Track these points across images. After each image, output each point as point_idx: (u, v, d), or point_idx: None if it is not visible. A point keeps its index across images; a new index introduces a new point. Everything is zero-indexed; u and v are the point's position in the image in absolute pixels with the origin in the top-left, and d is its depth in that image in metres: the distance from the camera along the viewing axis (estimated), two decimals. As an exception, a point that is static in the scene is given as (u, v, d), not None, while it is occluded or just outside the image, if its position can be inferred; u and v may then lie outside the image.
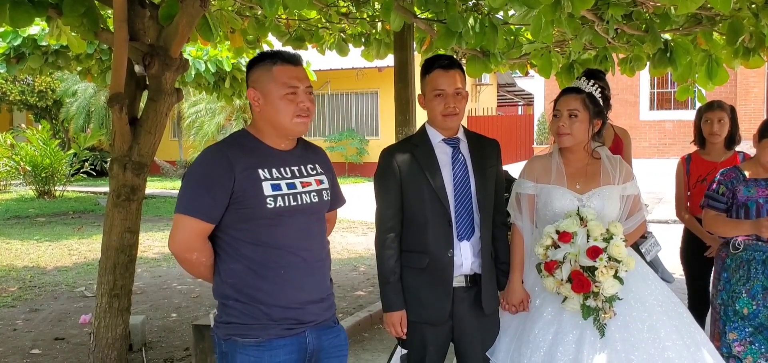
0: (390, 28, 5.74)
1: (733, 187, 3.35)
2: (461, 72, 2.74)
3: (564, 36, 5.33)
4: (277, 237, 2.22)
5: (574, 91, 2.84)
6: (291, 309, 2.24)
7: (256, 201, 2.18)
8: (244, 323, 2.22)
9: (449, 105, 2.70)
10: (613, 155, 2.96)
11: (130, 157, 3.82)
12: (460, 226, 2.72)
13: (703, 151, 4.24)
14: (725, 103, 4.22)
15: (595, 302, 2.61)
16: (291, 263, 2.24)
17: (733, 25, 3.97)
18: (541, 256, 2.72)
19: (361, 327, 5.28)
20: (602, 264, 2.58)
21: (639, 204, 2.92)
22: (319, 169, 2.39)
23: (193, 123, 18.76)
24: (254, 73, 2.28)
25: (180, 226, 2.19)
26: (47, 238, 9.81)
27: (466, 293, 2.76)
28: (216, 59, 8.38)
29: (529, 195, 2.89)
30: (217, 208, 2.18)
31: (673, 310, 2.79)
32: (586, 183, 2.83)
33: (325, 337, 2.36)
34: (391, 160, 2.78)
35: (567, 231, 2.67)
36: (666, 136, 19.80)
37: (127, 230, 3.92)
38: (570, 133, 2.79)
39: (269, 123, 2.27)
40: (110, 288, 3.93)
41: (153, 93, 3.79)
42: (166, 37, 3.65)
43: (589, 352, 2.60)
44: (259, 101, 2.25)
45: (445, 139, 2.78)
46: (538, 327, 2.74)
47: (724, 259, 3.42)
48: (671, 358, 2.60)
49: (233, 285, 2.23)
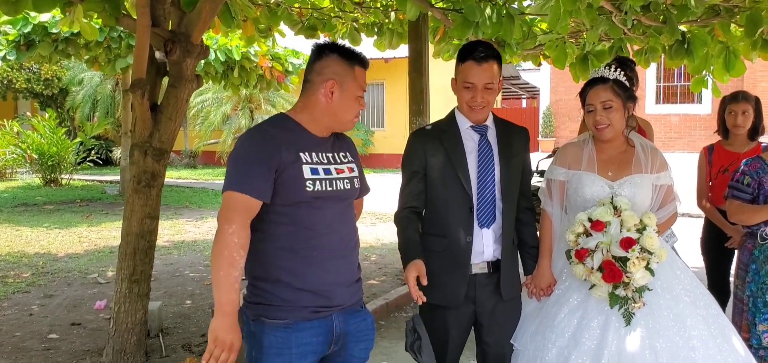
0: (404, 17, 5.75)
1: (760, 177, 3.35)
2: (497, 63, 2.72)
3: (579, 27, 5.33)
4: (312, 220, 2.24)
5: (601, 81, 2.80)
6: (319, 293, 2.26)
7: (297, 183, 2.20)
8: (272, 304, 2.23)
9: (476, 99, 2.70)
10: (648, 143, 2.94)
11: (150, 143, 3.85)
12: (481, 214, 2.74)
13: (726, 141, 4.25)
14: (750, 94, 4.22)
15: (624, 292, 2.61)
16: (323, 246, 2.26)
17: (752, 17, 3.97)
18: (572, 243, 2.72)
19: (377, 315, 5.30)
20: (635, 255, 2.57)
21: (672, 194, 2.90)
22: (350, 157, 2.42)
23: (200, 112, 18.77)
24: (334, 66, 2.28)
25: (231, 203, 2.14)
26: (57, 226, 9.84)
27: (488, 279, 2.78)
28: (226, 48, 8.36)
29: (560, 181, 2.90)
30: (267, 186, 2.17)
31: (701, 300, 2.78)
32: (619, 170, 2.82)
33: (352, 320, 2.38)
34: (418, 142, 2.81)
35: (600, 220, 2.66)
36: (672, 130, 19.79)
37: (147, 216, 3.95)
38: (610, 125, 2.77)
39: (330, 115, 2.30)
40: (130, 273, 3.96)
41: (174, 79, 3.81)
42: (188, 23, 3.67)
43: (613, 338, 2.60)
44: (333, 93, 2.27)
45: (472, 125, 2.79)
46: (564, 312, 2.74)
47: (750, 250, 3.41)
48: (696, 347, 2.60)
49: (265, 265, 2.24)
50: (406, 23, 6.00)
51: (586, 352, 2.61)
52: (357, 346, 2.41)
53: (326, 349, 2.32)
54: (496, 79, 2.71)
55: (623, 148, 2.87)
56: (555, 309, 2.78)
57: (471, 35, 4.55)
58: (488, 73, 2.68)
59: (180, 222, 10.40)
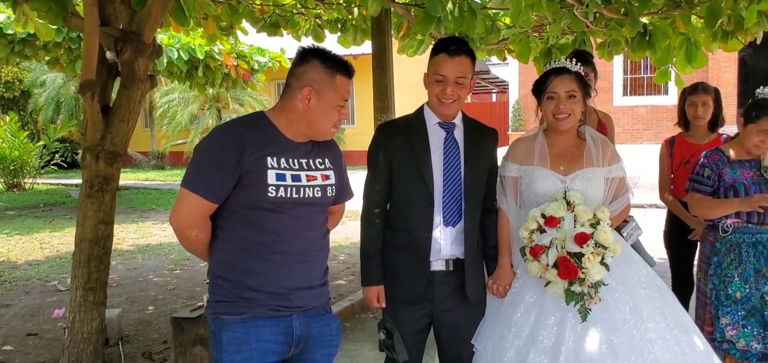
0: (367, 13, 5.67)
1: (719, 169, 3.34)
2: (470, 59, 2.68)
3: (542, 20, 5.30)
4: (276, 224, 2.21)
5: (565, 71, 2.75)
6: (278, 293, 2.23)
7: (260, 188, 2.16)
8: (230, 300, 2.22)
9: (446, 92, 2.67)
10: (599, 135, 2.91)
11: (102, 146, 3.72)
12: (446, 211, 2.71)
13: (687, 133, 4.24)
14: (709, 85, 4.22)
15: (580, 288, 2.57)
16: (285, 250, 2.23)
17: (712, 8, 3.97)
18: (526, 240, 2.68)
19: (343, 316, 5.22)
20: (589, 250, 2.54)
21: (624, 186, 2.88)
22: (328, 164, 2.36)
23: (166, 113, 18.52)
24: (314, 73, 2.23)
25: (185, 201, 2.17)
26: (18, 232, 9.59)
27: (446, 278, 2.75)
28: (189, 47, 8.22)
29: (512, 177, 2.85)
30: (225, 188, 2.15)
31: (657, 292, 2.76)
32: (570, 164, 2.78)
33: (315, 324, 2.33)
34: (384, 136, 2.80)
35: (554, 215, 2.62)
36: (639, 121, 20.01)
37: (101, 221, 3.83)
38: (571, 114, 2.73)
39: (306, 122, 2.25)
40: (85, 281, 3.84)
41: (126, 80, 3.69)
42: (139, 21, 3.55)
43: (570, 335, 2.58)
44: (310, 100, 2.22)
45: (440, 122, 2.75)
46: (521, 311, 2.71)
47: (712, 243, 3.40)
48: (653, 339, 2.58)
49: (225, 264, 2.23)
50: (369, 19, 5.92)
51: (543, 350, 2.58)
52: (319, 352, 2.37)
53: (287, 350, 2.29)
54: (468, 75, 2.68)
55: (575, 142, 2.84)
56: (512, 308, 2.74)
57: (433, 30, 4.50)
58: (460, 67, 2.65)
59: (146, 225, 10.20)
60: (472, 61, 2.70)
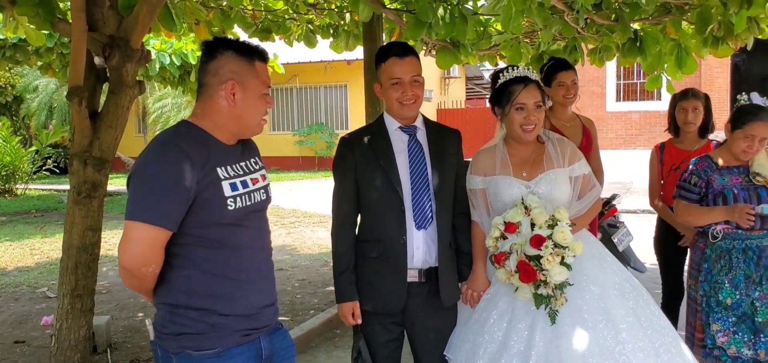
0: (359, 18, 5.67)
1: (707, 176, 3.34)
2: (416, 58, 2.70)
3: (533, 26, 5.31)
4: (237, 239, 2.06)
5: (532, 81, 2.76)
6: (249, 316, 2.11)
7: (218, 203, 2.00)
8: (199, 333, 2.03)
9: (407, 93, 2.66)
10: (555, 135, 2.92)
11: (90, 152, 3.69)
12: (416, 215, 2.69)
13: (677, 139, 4.24)
14: (700, 91, 4.23)
15: (546, 290, 2.57)
16: (251, 266, 2.11)
17: (702, 14, 3.97)
18: (492, 248, 2.69)
19: (333, 323, 5.20)
20: (548, 252, 2.53)
21: (590, 182, 2.88)
22: (259, 163, 2.24)
23: (159, 118, 18.50)
24: (231, 65, 2.06)
25: (136, 237, 1.92)
26: (8, 238, 9.53)
27: (420, 288, 2.73)
28: (181, 52, 8.21)
29: (479, 189, 2.85)
30: (182, 212, 1.95)
31: (630, 292, 2.74)
32: (533, 169, 2.79)
33: (277, 340, 2.26)
34: (346, 148, 2.76)
35: (512, 221, 2.63)
36: (632, 126, 20.05)
37: (88, 228, 3.79)
38: (538, 124, 2.75)
39: (235, 120, 2.09)
40: (72, 288, 3.80)
41: (114, 85, 3.66)
42: (127, 27, 3.52)
43: (540, 338, 2.57)
44: (235, 95, 2.05)
45: (401, 126, 2.74)
46: (494, 317, 2.70)
47: (702, 249, 3.40)
48: (625, 340, 2.57)
49: (189, 292, 2.03)
50: (361, 25, 5.92)
51: (515, 354, 2.57)
52: None
53: None
54: (421, 73, 2.69)
55: (534, 147, 2.84)
56: (485, 314, 2.74)
57: (425, 36, 4.50)
58: (412, 66, 2.66)
59: (138, 231, 10.14)
60: (418, 60, 2.71)
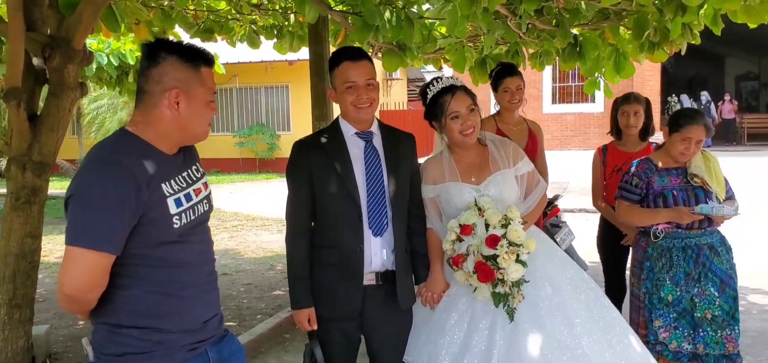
0: (304, 20, 5.65)
1: (648, 177, 3.48)
2: (370, 62, 2.70)
3: (477, 31, 5.41)
4: (181, 256, 2.00)
5: (458, 88, 2.84)
6: (195, 330, 2.06)
7: (164, 222, 1.92)
8: (143, 352, 1.95)
9: (362, 97, 2.65)
10: (497, 137, 3.01)
11: (30, 156, 3.57)
12: (372, 221, 2.68)
13: (619, 142, 4.39)
14: (641, 95, 4.39)
15: (503, 289, 2.64)
16: (196, 282, 2.06)
17: (639, 21, 4.15)
18: (449, 251, 2.75)
19: (282, 328, 5.17)
20: (503, 250, 2.61)
21: (535, 178, 2.98)
22: (201, 170, 2.15)
23: (94, 119, 17.95)
24: (175, 72, 1.95)
25: (82, 262, 1.82)
26: (-68, 246, 9.05)
27: (376, 291, 2.72)
28: (119, 52, 8.03)
29: (431, 198, 2.90)
30: (125, 235, 1.85)
31: (582, 286, 2.86)
32: (480, 173, 2.87)
33: (225, 348, 2.21)
34: (301, 153, 2.72)
35: (467, 223, 2.70)
36: (567, 128, 20.70)
37: (28, 235, 3.66)
38: (476, 127, 2.82)
39: (180, 129, 1.99)
40: (10, 297, 3.66)
41: (54, 87, 3.54)
42: (68, 27, 3.42)
43: (501, 337, 2.64)
44: (179, 104, 1.94)
45: (357, 132, 2.73)
46: (454, 318, 2.76)
47: (644, 248, 3.53)
48: (580, 334, 2.67)
49: (134, 313, 1.95)
50: (306, 26, 5.90)
51: (476, 354, 2.64)
52: None
53: None
54: (375, 76, 2.69)
55: (478, 150, 2.92)
56: (445, 316, 2.79)
57: (371, 39, 4.53)
58: (366, 70, 2.66)
59: (73, 236, 9.80)
60: (372, 64, 2.71)
